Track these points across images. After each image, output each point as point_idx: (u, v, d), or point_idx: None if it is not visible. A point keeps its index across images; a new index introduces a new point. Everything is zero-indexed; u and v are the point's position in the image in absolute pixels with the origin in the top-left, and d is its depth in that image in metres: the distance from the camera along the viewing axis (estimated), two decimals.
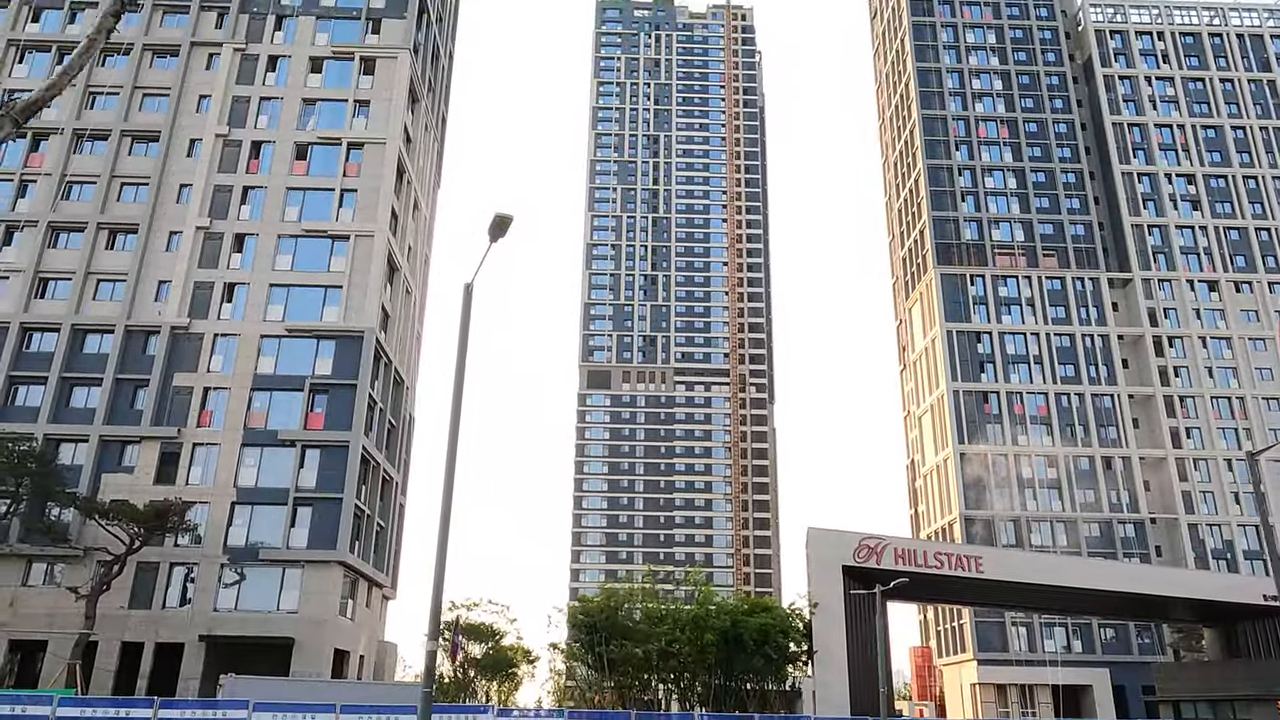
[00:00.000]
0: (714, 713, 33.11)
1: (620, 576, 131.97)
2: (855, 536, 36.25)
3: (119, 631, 43.47)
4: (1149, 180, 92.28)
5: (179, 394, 47.95)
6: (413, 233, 58.97)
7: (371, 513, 50.53)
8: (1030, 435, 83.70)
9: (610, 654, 33.70)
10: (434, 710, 24.61)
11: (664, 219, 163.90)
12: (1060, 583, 40.59)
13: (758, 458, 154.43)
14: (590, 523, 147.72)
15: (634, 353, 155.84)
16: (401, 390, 56.31)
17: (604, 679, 34.75)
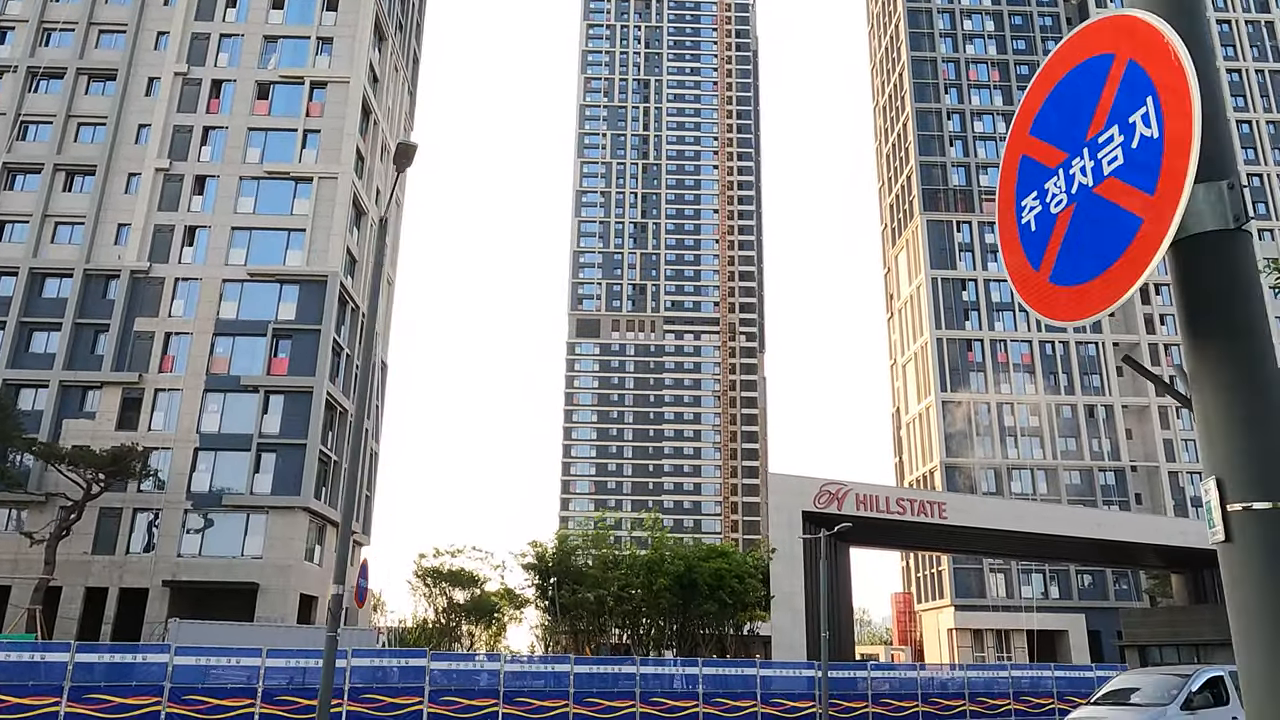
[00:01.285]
0: (684, 657, 33.14)
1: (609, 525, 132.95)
2: (816, 482, 35.89)
3: (82, 577, 43.35)
4: None
5: (140, 339, 47.25)
6: (382, 176, 57.74)
7: (339, 459, 50.15)
8: (1013, 383, 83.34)
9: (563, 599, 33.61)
10: (441, 658, 24.42)
11: (654, 165, 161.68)
12: (1025, 529, 40.40)
13: (747, 407, 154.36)
14: (579, 471, 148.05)
15: (623, 301, 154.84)
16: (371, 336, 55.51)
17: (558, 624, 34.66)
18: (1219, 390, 2.69)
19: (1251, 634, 2.53)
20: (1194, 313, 2.81)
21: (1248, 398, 2.65)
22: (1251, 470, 2.59)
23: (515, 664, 24.59)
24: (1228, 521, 2.60)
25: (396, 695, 22.83)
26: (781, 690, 27.20)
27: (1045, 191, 3.04)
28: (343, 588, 17.10)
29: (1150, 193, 2.63)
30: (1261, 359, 2.68)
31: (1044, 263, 3.00)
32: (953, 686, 30.41)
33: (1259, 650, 2.51)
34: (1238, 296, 2.75)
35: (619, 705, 24.66)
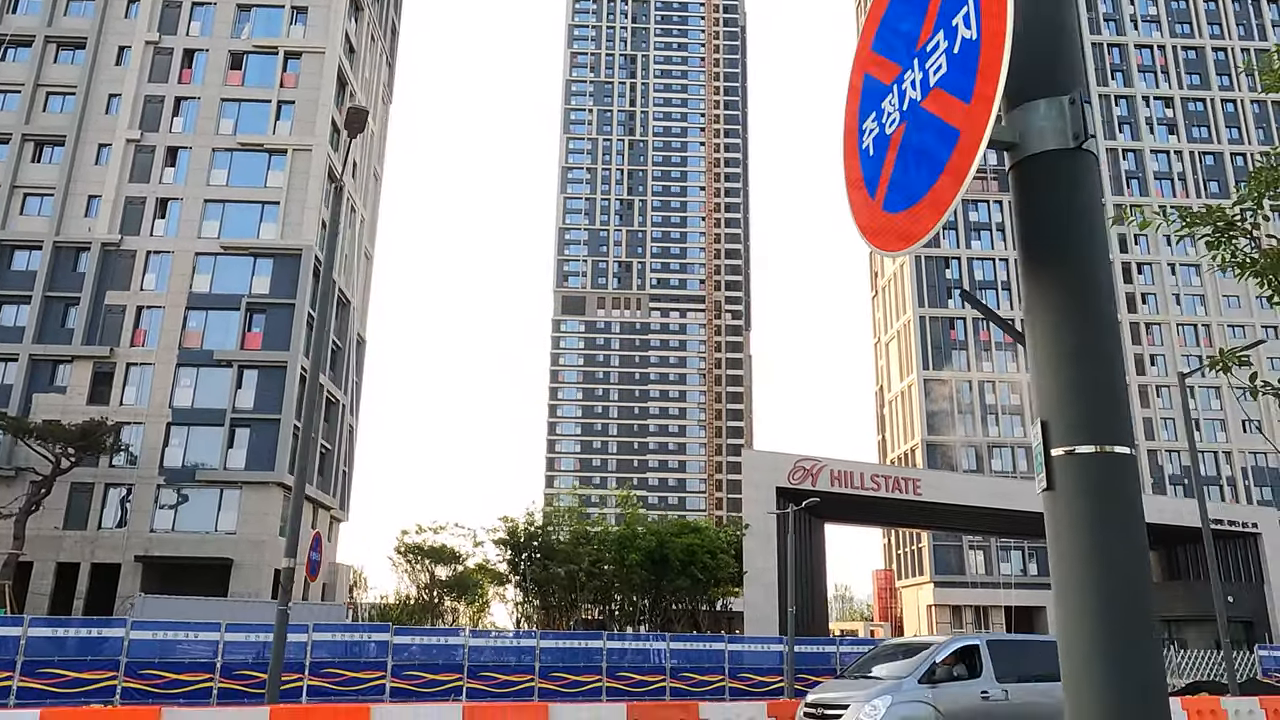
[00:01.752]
0: (655, 632, 33.17)
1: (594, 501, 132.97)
2: (791, 458, 35.78)
3: (54, 552, 42.98)
4: (1126, 103, 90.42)
5: (111, 313, 46.64)
6: (358, 148, 57.03)
7: (315, 434, 49.77)
8: (995, 361, 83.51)
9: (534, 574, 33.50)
10: (404, 633, 24.31)
11: (640, 142, 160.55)
12: (999, 505, 40.50)
13: (732, 384, 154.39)
14: (564, 448, 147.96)
15: (609, 278, 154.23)
16: (347, 311, 55.08)
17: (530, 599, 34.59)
18: (1049, 324, 2.44)
19: (1070, 586, 2.29)
20: (1030, 239, 2.56)
21: (1078, 331, 2.40)
22: (1077, 410, 2.35)
23: (481, 638, 24.45)
24: (1051, 467, 2.37)
25: (359, 669, 22.66)
26: (750, 665, 27.17)
27: (882, 111, 2.78)
28: (294, 560, 16.91)
29: (967, 100, 2.38)
30: (1095, 289, 2.43)
31: (879, 189, 2.75)
32: None
33: (1076, 604, 2.28)
34: (1075, 221, 2.51)
35: (585, 679, 24.57)
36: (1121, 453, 2.33)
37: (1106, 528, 2.28)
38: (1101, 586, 2.25)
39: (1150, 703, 2.21)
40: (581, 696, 24.29)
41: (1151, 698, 2.21)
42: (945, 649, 13.16)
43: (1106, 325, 2.41)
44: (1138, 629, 2.25)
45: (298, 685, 22.80)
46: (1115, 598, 2.24)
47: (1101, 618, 2.23)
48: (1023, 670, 13.12)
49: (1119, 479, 2.31)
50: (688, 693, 25.62)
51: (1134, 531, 2.30)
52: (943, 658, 12.90)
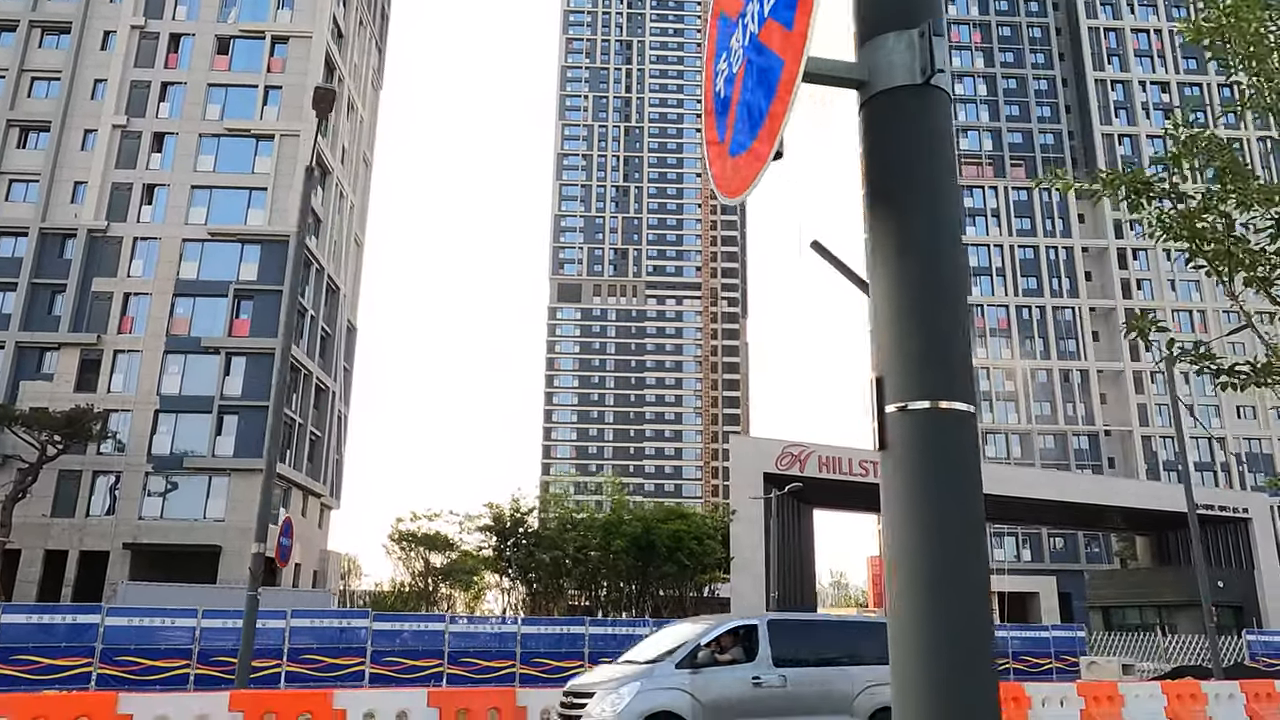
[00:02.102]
0: (634, 618, 33.18)
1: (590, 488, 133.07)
2: (778, 444, 35.65)
3: (42, 540, 42.87)
4: (1122, 88, 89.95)
5: (98, 299, 46.40)
6: (347, 134, 56.66)
7: (305, 422, 49.65)
8: (989, 348, 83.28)
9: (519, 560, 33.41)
10: (384, 619, 24.25)
11: (637, 128, 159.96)
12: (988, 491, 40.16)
13: (729, 371, 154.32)
14: (561, 436, 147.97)
15: (605, 265, 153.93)
16: (336, 298, 54.84)
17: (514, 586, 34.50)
18: (890, 272, 2.27)
19: (901, 553, 2.13)
20: (874, 180, 2.38)
21: (920, 279, 2.23)
22: (913, 363, 2.18)
23: (460, 624, 24.33)
24: (884, 425, 2.20)
25: (339, 655, 22.57)
26: None
27: (730, 50, 2.61)
28: (264, 546, 16.78)
29: (790, 27, 2.20)
30: (940, 235, 2.25)
31: (727, 133, 2.57)
32: None
33: (906, 572, 2.11)
34: (921, 160, 2.32)
35: (567, 665, 24.42)
36: (960, 410, 2.16)
37: (941, 490, 2.11)
38: (935, 553, 2.08)
39: (979, 679, 2.04)
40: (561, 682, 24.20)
41: (980, 674, 2.04)
42: (715, 629, 11.99)
43: (950, 274, 2.24)
44: (970, 599, 2.09)
45: (276, 671, 22.70)
46: (948, 565, 2.07)
47: (933, 588, 2.06)
48: (807, 654, 12.20)
49: (956, 438, 2.14)
50: None
51: (969, 495, 2.13)
52: (710, 639, 11.69)
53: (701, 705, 10.98)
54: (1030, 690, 17.80)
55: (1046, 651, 31.62)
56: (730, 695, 11.32)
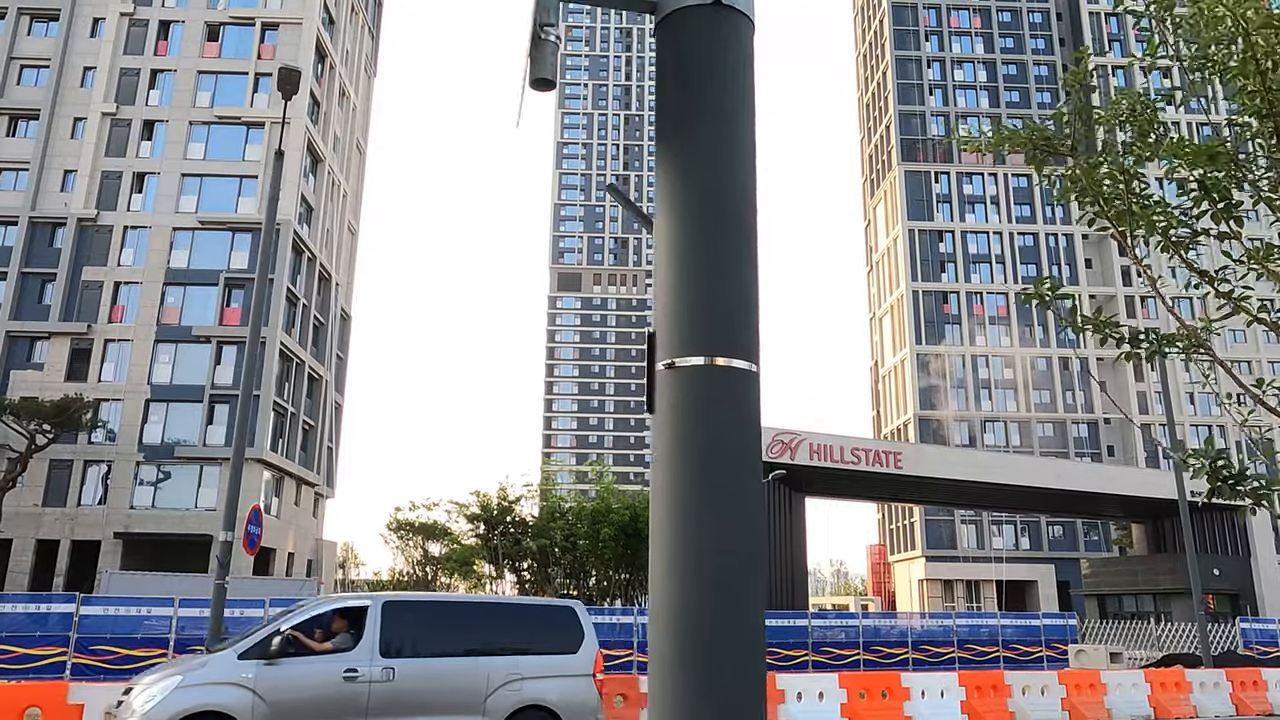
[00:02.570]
0: (627, 606, 33.12)
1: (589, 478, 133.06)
2: (769, 431, 35.39)
3: (33, 529, 42.84)
4: (1123, 73, 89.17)
5: (89, 288, 46.23)
6: (339, 121, 56.31)
7: (297, 411, 49.49)
8: (989, 336, 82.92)
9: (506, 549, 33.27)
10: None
11: (636, 116, 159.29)
12: (983, 479, 40.15)
13: None
14: (561, 425, 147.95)
15: (605, 255, 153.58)
16: (329, 286, 54.60)
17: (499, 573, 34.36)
18: (672, 207, 2.02)
19: (666, 519, 1.88)
20: (663, 106, 2.13)
21: (701, 216, 1.98)
22: (690, 315, 1.93)
23: None
24: (653, 385, 1.95)
25: None
26: None
27: None
28: (232, 534, 16.60)
29: None
30: (725, 168, 2.00)
31: None
32: (896, 635, 30.27)
33: (670, 538, 1.87)
34: (714, 87, 2.07)
35: None
36: (739, 368, 1.91)
37: (715, 457, 1.87)
38: (703, 525, 1.84)
39: (745, 669, 1.80)
40: None
41: (746, 664, 1.80)
42: (310, 611, 10.18)
43: (738, 213, 1.99)
44: (739, 577, 1.85)
45: None
46: (717, 539, 1.83)
47: (699, 564, 1.82)
48: (431, 642, 10.34)
49: (734, 399, 1.90)
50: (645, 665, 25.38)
51: (745, 462, 1.89)
52: (298, 624, 9.82)
53: (267, 704, 9.16)
54: (1010, 678, 17.62)
55: (1037, 639, 31.44)
56: (306, 692, 9.45)
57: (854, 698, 15.85)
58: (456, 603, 12.72)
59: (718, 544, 1.82)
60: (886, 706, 16.10)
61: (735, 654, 1.80)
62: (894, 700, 16.18)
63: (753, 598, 1.83)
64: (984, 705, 16.73)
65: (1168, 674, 19.97)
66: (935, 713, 16.24)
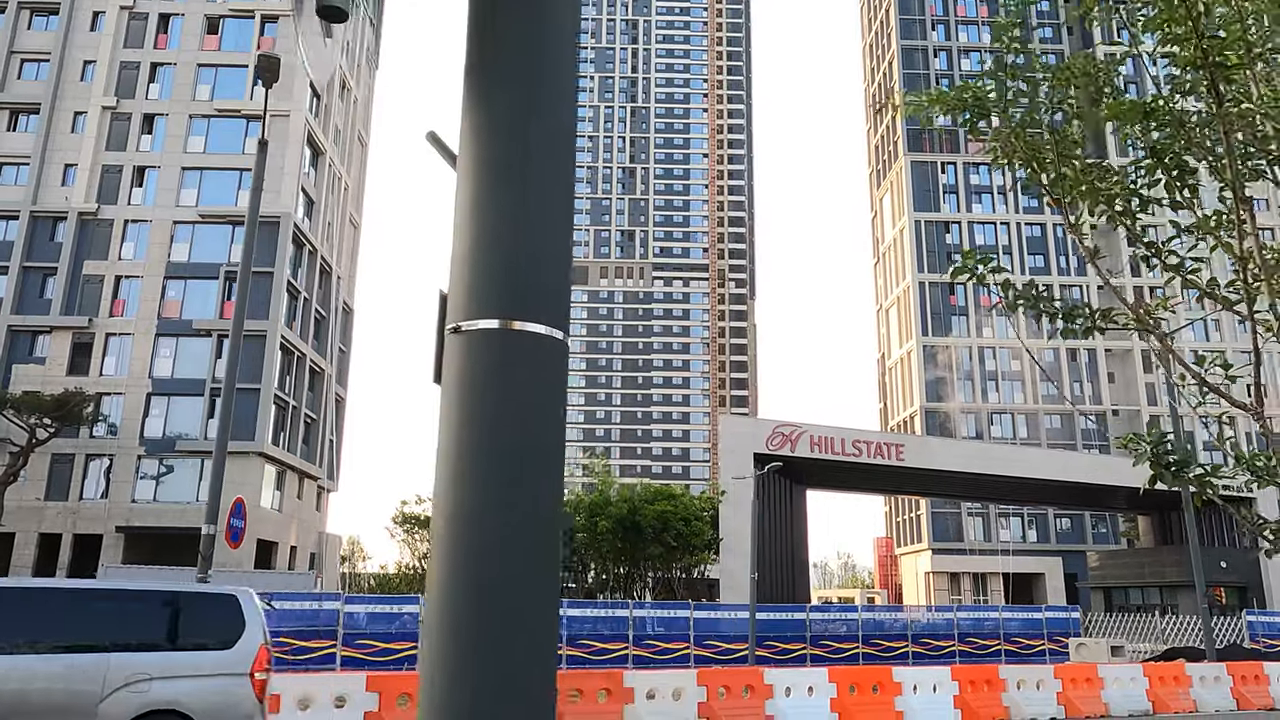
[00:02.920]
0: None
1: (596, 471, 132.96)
2: (769, 424, 35.14)
3: (35, 523, 42.90)
4: (1132, 61, 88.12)
5: (89, 282, 46.22)
6: (341, 114, 56.13)
7: (299, 404, 49.43)
8: (995, 327, 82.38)
9: None
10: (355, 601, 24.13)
11: (643, 109, 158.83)
12: (986, 471, 39.78)
13: (736, 353, 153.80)
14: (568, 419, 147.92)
15: (611, 248, 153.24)
16: (330, 279, 54.49)
17: None
18: (473, 152, 1.77)
19: (451, 501, 1.64)
20: (471, 49, 1.88)
21: (504, 163, 1.73)
22: (484, 272, 1.69)
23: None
24: (442, 352, 1.71)
25: (310, 639, 22.34)
26: (720, 632, 26.79)
27: None
28: (214, 528, 16.49)
29: None
30: (527, 121, 1.75)
31: None
32: (897, 628, 30.02)
33: (456, 521, 1.63)
34: (523, 27, 1.82)
35: None
36: (541, 334, 1.67)
37: (506, 428, 1.62)
38: (493, 507, 1.60)
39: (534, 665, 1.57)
40: None
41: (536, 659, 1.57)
42: None
43: (545, 160, 1.74)
44: (534, 567, 1.61)
45: None
46: (510, 523, 1.59)
47: (486, 550, 1.58)
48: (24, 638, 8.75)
49: (533, 369, 1.66)
50: (652, 660, 25.24)
51: (545, 438, 1.64)
52: None
53: None
54: (1005, 672, 17.36)
55: (1039, 633, 31.15)
56: None
57: (844, 692, 15.62)
58: (63, 590, 10.46)
59: (514, 531, 1.58)
60: (877, 701, 15.86)
61: (528, 654, 1.56)
62: (885, 695, 15.95)
63: (539, 589, 1.59)
64: (978, 700, 16.48)
65: (1167, 668, 19.67)
66: (927, 707, 16.00)
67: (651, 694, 14.15)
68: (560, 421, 1.69)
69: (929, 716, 15.85)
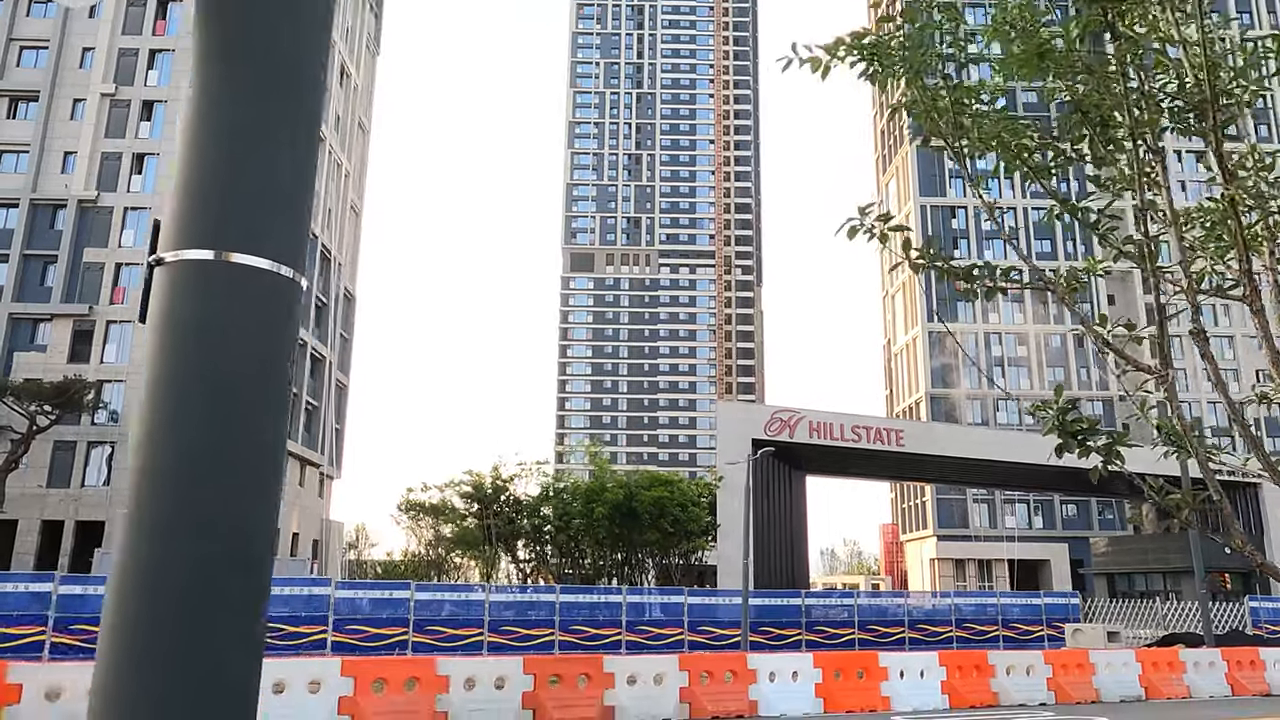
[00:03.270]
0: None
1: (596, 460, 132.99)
2: (767, 409, 34.97)
3: (38, 510, 43.07)
4: None
5: (90, 270, 46.25)
6: (340, 100, 55.93)
7: (299, 391, 49.42)
8: (1001, 313, 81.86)
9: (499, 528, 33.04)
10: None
11: (649, 95, 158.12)
12: (985, 456, 39.52)
13: (743, 340, 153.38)
14: (574, 406, 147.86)
15: (617, 234, 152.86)
16: (330, 265, 54.40)
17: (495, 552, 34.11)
18: (205, 73, 1.59)
19: (150, 469, 1.48)
20: None
21: (235, 88, 1.55)
22: (199, 200, 1.51)
23: (426, 592, 23.98)
24: (149, 286, 1.54)
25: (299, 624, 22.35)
26: (716, 618, 26.69)
27: None
28: None
29: None
30: (270, 26, 1.57)
31: None
32: (894, 614, 29.87)
33: (152, 484, 1.46)
34: None
35: (537, 634, 24.11)
36: (260, 267, 1.49)
37: (220, 361, 1.45)
38: (196, 471, 1.42)
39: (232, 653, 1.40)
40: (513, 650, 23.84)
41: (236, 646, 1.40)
42: None
43: (282, 87, 1.56)
44: (242, 534, 1.43)
45: None
46: (216, 490, 1.42)
47: (176, 521, 1.41)
48: None
49: (249, 304, 1.48)
50: (645, 645, 25.15)
51: (263, 375, 1.47)
52: None
53: None
54: (994, 658, 17.21)
55: (1038, 619, 30.95)
56: None
57: (829, 677, 15.48)
58: None
59: (222, 497, 1.41)
60: (863, 686, 15.73)
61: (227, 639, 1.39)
62: (870, 680, 15.81)
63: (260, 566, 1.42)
64: (965, 685, 16.32)
65: (1161, 653, 19.47)
66: (914, 692, 15.85)
67: (633, 679, 14.03)
68: (283, 367, 1.51)
69: (915, 701, 15.71)
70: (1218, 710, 16.62)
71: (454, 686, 12.74)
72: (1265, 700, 18.50)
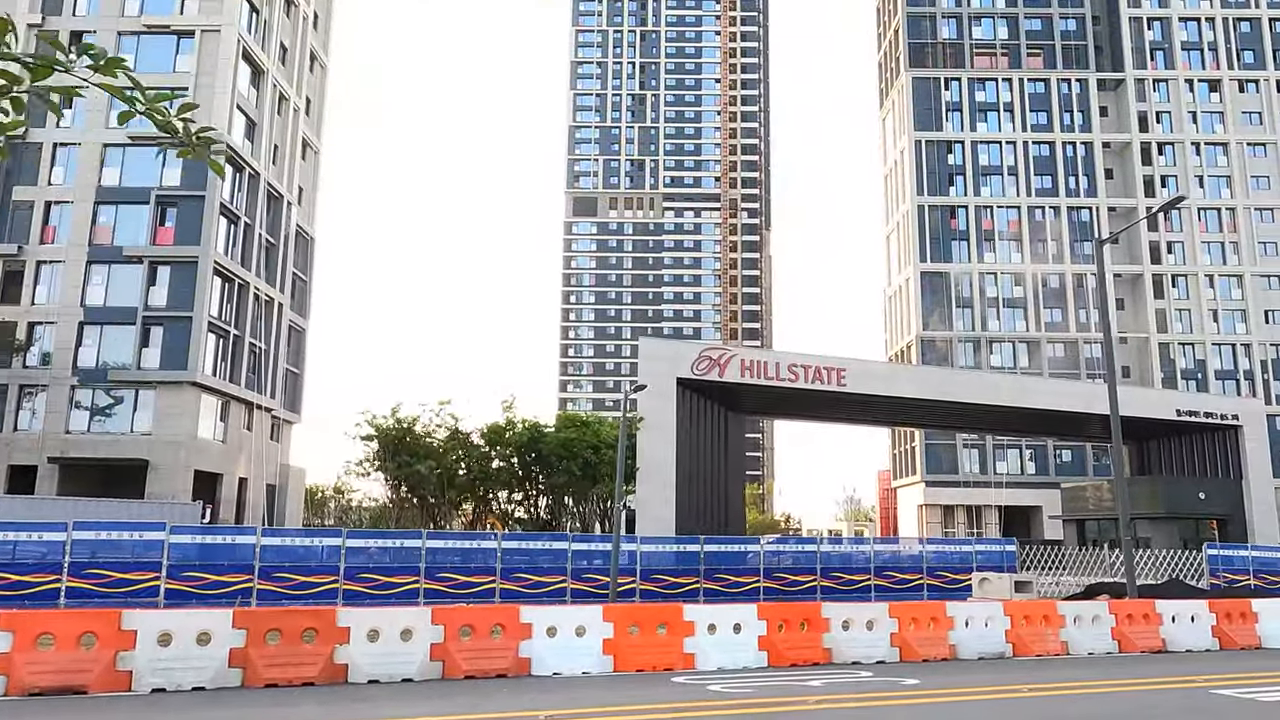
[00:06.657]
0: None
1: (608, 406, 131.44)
2: (694, 347, 33.02)
3: None
4: None
5: (19, 209, 44.82)
6: (287, 31, 53.62)
7: (242, 334, 48.04)
8: (998, 252, 78.79)
9: (401, 473, 31.64)
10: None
11: (653, 33, 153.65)
12: (939, 397, 37.33)
13: (749, 285, 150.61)
14: (578, 353, 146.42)
15: (621, 178, 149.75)
16: (279, 205, 52.59)
17: (401, 500, 32.75)
18: None
19: None
20: None
21: None
22: None
23: (275, 537, 22.50)
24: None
25: (223, 573, 21.24)
26: (600, 567, 25.15)
27: None
28: None
29: None
30: None
31: None
32: (859, 562, 28.30)
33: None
34: None
35: (399, 581, 22.68)
36: None
37: None
38: None
39: None
40: (394, 600, 22.46)
41: None
42: None
43: None
44: None
45: (155, 585, 21.45)
46: None
47: None
48: None
49: None
50: (522, 595, 23.66)
51: None
52: None
53: None
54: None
55: (969, 567, 29.12)
56: None
57: (773, 629, 14.31)
58: None
59: None
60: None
61: None
62: (813, 631, 14.54)
63: None
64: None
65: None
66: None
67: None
68: None
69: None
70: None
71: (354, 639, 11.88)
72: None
